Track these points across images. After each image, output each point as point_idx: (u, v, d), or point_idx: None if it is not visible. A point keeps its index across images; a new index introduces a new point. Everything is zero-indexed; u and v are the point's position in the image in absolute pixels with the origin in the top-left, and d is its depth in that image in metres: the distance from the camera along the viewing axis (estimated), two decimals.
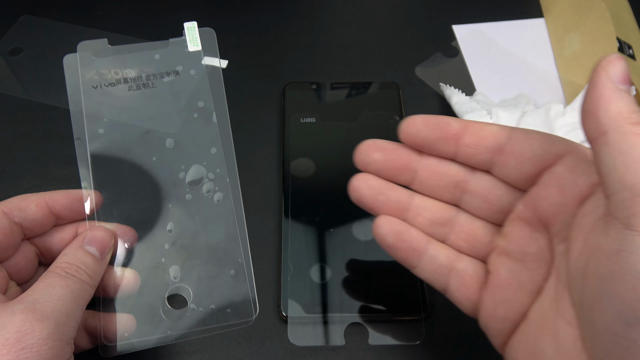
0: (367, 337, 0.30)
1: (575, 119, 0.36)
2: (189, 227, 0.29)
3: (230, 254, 0.28)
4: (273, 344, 0.30)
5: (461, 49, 0.44)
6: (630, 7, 0.44)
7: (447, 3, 0.47)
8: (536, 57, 0.43)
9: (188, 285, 0.28)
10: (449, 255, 0.24)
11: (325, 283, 0.31)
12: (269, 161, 0.37)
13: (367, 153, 0.25)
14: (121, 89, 0.30)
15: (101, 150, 0.29)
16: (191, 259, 0.28)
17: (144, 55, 0.31)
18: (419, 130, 0.24)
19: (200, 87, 0.30)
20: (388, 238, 0.24)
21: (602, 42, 0.38)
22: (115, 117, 0.30)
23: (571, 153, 0.21)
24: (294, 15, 0.46)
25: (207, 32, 0.31)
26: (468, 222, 0.24)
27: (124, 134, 0.30)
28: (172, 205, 0.29)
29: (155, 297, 0.28)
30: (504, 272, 0.22)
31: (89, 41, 0.31)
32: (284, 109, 0.39)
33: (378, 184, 0.25)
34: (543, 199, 0.21)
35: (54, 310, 0.22)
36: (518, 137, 0.22)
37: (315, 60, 0.43)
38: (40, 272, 0.28)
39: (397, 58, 0.43)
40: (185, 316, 0.27)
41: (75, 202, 0.28)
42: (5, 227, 0.25)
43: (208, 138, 0.30)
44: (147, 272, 0.28)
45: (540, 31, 0.45)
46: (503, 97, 0.39)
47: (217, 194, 0.29)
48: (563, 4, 0.44)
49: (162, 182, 0.29)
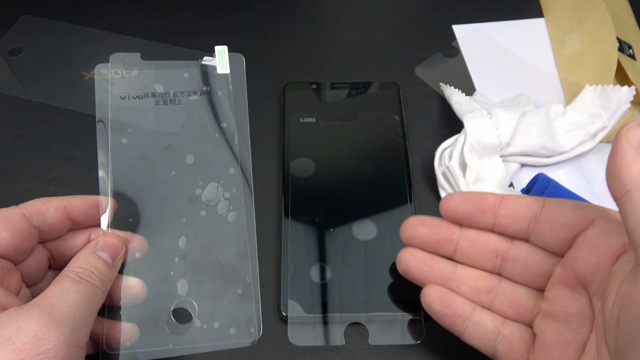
0: (367, 337, 0.30)
1: (576, 119, 0.36)
2: (201, 243, 0.29)
3: (239, 273, 0.29)
4: (273, 344, 0.30)
5: (461, 49, 0.44)
6: (630, 7, 0.44)
7: (447, 3, 0.47)
8: (536, 57, 0.43)
9: (194, 300, 0.28)
10: (494, 321, 0.25)
11: (325, 283, 0.31)
12: (269, 161, 0.37)
13: (412, 228, 0.27)
14: (148, 102, 0.31)
15: (122, 159, 0.30)
16: (200, 275, 0.28)
17: (174, 73, 0.32)
18: (457, 205, 0.26)
19: (225, 108, 0.32)
20: (435, 305, 0.26)
21: (602, 42, 0.38)
22: (140, 129, 0.30)
23: (602, 217, 0.22)
24: (294, 15, 0.46)
25: (236, 57, 0.33)
26: (511, 288, 0.26)
27: (147, 146, 0.30)
28: (187, 220, 0.29)
29: (160, 309, 0.28)
30: (550, 334, 0.23)
31: (122, 53, 0.32)
32: (284, 109, 0.39)
33: (423, 256, 0.27)
34: (579, 260, 0.22)
35: (70, 315, 0.22)
36: (551, 206, 0.24)
37: (315, 60, 0.43)
38: (49, 276, 0.28)
39: (397, 58, 0.43)
40: (188, 331, 0.27)
41: (93, 208, 0.28)
42: (24, 230, 0.25)
43: (227, 158, 0.31)
44: (155, 284, 0.28)
45: (540, 31, 0.45)
46: (503, 97, 0.39)
47: (232, 213, 0.30)
48: (563, 4, 0.44)
49: (179, 196, 0.29)
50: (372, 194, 0.34)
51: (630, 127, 0.19)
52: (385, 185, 0.35)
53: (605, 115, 0.35)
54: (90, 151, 0.37)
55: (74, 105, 0.40)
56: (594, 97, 0.36)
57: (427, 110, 0.40)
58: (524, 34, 0.45)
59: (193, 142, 0.31)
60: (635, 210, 0.18)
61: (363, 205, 0.34)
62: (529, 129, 0.35)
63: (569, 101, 0.39)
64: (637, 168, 0.19)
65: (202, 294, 0.28)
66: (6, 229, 0.25)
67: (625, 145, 0.19)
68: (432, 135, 0.38)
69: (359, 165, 0.36)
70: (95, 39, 0.44)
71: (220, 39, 0.44)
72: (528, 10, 0.46)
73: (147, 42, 0.44)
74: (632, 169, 0.19)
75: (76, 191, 0.35)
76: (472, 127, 0.34)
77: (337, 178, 0.35)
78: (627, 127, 0.20)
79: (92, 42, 0.44)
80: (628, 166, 0.19)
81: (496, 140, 0.34)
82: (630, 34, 0.41)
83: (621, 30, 0.39)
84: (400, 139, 0.37)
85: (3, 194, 0.36)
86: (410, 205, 0.34)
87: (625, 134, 0.19)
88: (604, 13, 0.39)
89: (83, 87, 0.41)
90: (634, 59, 0.39)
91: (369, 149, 0.36)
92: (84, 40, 0.44)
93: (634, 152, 0.19)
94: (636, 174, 0.19)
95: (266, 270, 0.32)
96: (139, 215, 0.29)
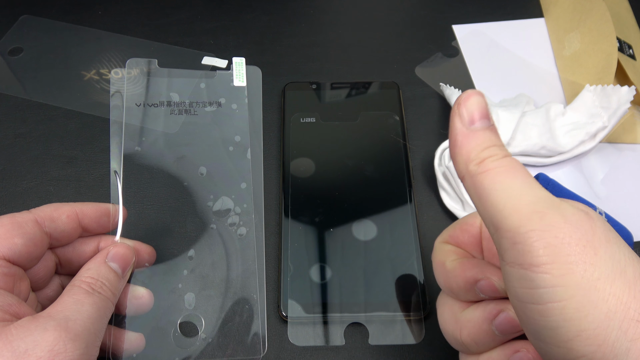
0: (367, 337, 0.30)
1: (576, 119, 0.36)
2: (210, 256, 0.29)
3: (246, 289, 0.29)
4: (273, 344, 0.30)
5: (461, 49, 0.44)
6: (630, 7, 0.44)
7: (447, 3, 0.47)
8: (536, 57, 0.43)
9: (201, 314, 0.28)
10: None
11: (325, 283, 0.31)
12: (269, 160, 0.37)
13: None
14: (164, 111, 0.31)
15: (135, 166, 0.30)
16: (208, 289, 0.28)
17: (191, 82, 0.32)
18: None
19: (240, 122, 0.31)
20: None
21: (602, 42, 0.38)
22: (153, 137, 0.30)
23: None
24: (294, 15, 0.46)
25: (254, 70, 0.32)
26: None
27: (160, 155, 0.30)
28: (197, 232, 0.29)
29: (167, 322, 0.28)
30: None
31: (139, 59, 0.31)
32: (284, 109, 0.39)
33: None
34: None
35: (85, 330, 0.22)
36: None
37: (315, 60, 0.43)
38: (55, 282, 0.28)
39: (397, 58, 0.43)
40: (194, 345, 0.27)
41: (104, 216, 0.28)
42: (36, 237, 0.25)
43: (240, 172, 0.30)
44: (163, 295, 0.28)
45: (540, 31, 0.45)
46: (503, 97, 0.39)
47: (241, 228, 0.29)
48: (563, 4, 0.44)
49: (190, 208, 0.29)
50: (372, 194, 0.34)
51: (461, 101, 0.19)
52: (385, 185, 0.35)
53: (605, 115, 0.35)
54: (91, 151, 0.37)
55: (74, 105, 0.40)
56: (594, 97, 0.36)
57: (427, 110, 0.40)
58: (524, 34, 0.45)
59: (206, 154, 0.30)
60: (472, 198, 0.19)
61: (363, 205, 0.34)
62: (529, 129, 0.35)
63: (569, 101, 0.39)
64: (466, 150, 0.19)
65: (210, 308, 0.28)
66: (19, 236, 0.24)
67: (455, 126, 0.19)
68: (433, 135, 0.38)
69: (359, 165, 0.36)
70: (95, 39, 0.44)
71: (220, 39, 0.44)
72: (528, 10, 0.46)
73: (147, 42, 0.44)
74: (461, 153, 0.19)
75: (76, 191, 0.35)
76: None
77: (337, 178, 0.35)
78: (458, 103, 0.19)
79: (92, 42, 0.44)
80: (458, 150, 0.19)
81: None
82: (630, 34, 0.41)
83: (621, 30, 0.39)
84: (400, 139, 0.37)
85: (3, 194, 0.36)
86: (410, 206, 0.34)
87: (456, 112, 0.19)
88: (604, 13, 0.39)
89: (83, 87, 0.41)
90: (634, 59, 0.39)
91: (369, 149, 0.36)
92: (84, 40, 0.44)
93: (464, 132, 0.19)
94: (465, 158, 0.19)
95: (266, 270, 0.32)
96: (149, 225, 0.29)
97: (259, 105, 0.32)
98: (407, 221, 0.33)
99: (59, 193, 0.36)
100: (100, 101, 0.40)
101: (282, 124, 0.38)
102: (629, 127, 0.38)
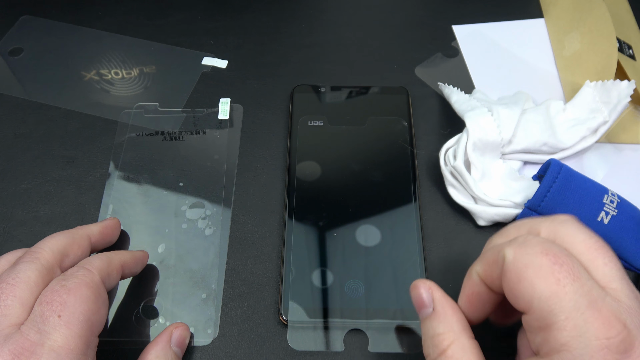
0: (367, 344, 0.29)
1: (576, 115, 0.36)
2: (177, 250, 0.33)
3: (206, 280, 0.32)
4: (272, 348, 0.30)
5: (461, 49, 0.44)
6: (630, 7, 0.44)
7: (447, 3, 0.47)
8: (536, 57, 0.43)
9: (163, 300, 0.31)
10: None
11: (326, 288, 0.31)
12: (273, 162, 0.37)
13: None
14: (157, 139, 0.38)
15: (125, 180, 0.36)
16: (171, 278, 0.32)
17: (184, 118, 0.39)
18: None
19: (219, 145, 0.38)
20: None
21: (602, 42, 0.38)
22: (146, 160, 0.37)
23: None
24: (294, 16, 0.46)
25: (236, 107, 0.40)
26: None
27: (148, 172, 0.36)
28: (169, 230, 0.34)
29: (132, 304, 0.31)
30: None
31: (144, 103, 0.40)
32: (292, 111, 0.38)
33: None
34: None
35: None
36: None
37: (315, 60, 0.43)
38: None
39: (397, 58, 0.43)
40: (153, 327, 0.30)
41: (139, 265, 0.30)
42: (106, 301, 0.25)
43: (215, 184, 0.36)
44: (132, 281, 0.32)
45: (540, 31, 0.45)
46: (501, 95, 0.39)
47: (208, 228, 0.34)
48: (563, 4, 0.44)
49: (167, 211, 0.35)
50: (377, 200, 0.34)
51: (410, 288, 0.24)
52: (390, 192, 0.34)
53: (606, 110, 0.35)
54: (91, 151, 0.37)
55: (74, 105, 0.40)
56: (594, 92, 0.36)
57: (427, 111, 0.40)
58: (524, 34, 0.45)
59: (186, 169, 0.36)
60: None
61: (368, 211, 0.33)
62: (530, 126, 0.35)
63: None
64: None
65: (170, 294, 0.31)
66: (105, 307, 0.25)
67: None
68: (432, 135, 0.38)
69: (365, 170, 0.35)
70: (95, 39, 0.44)
71: (220, 39, 0.44)
72: (528, 10, 0.46)
73: (147, 42, 0.44)
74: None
75: (76, 191, 0.35)
76: (474, 125, 0.34)
77: (342, 182, 0.35)
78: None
79: (92, 42, 0.44)
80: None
81: (498, 138, 0.34)
82: (630, 34, 0.41)
83: (621, 30, 0.39)
84: (408, 145, 0.37)
85: (3, 194, 0.36)
86: (416, 215, 0.33)
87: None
88: (604, 13, 0.39)
89: (83, 87, 0.41)
90: (634, 59, 0.39)
91: (376, 155, 0.36)
92: (84, 40, 0.44)
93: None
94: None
95: (267, 271, 0.32)
96: (131, 224, 0.34)
97: (238, 134, 0.38)
98: (411, 229, 0.33)
99: (59, 193, 0.35)
100: (100, 101, 0.40)
101: (290, 126, 0.38)
102: (629, 126, 0.38)
